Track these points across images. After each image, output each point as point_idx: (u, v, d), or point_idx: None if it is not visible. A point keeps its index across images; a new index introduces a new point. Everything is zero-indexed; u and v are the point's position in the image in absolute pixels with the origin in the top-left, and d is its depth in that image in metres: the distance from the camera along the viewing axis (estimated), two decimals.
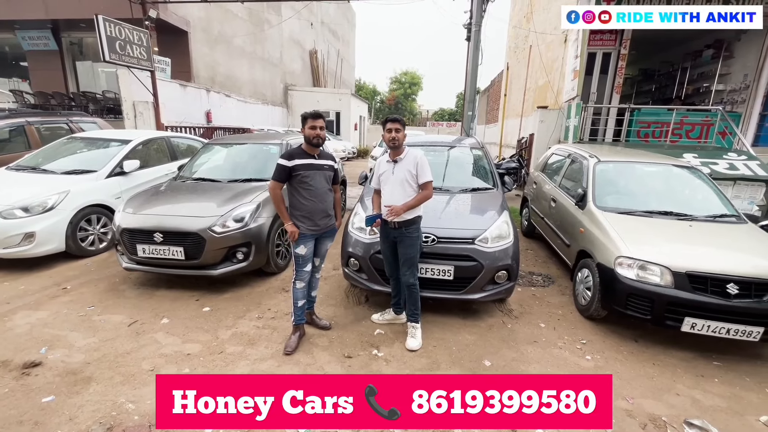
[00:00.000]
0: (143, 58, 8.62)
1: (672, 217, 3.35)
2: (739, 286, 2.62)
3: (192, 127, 10.02)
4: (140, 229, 3.47)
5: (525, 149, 9.57)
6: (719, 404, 2.36)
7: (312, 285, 2.95)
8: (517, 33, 14.14)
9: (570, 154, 4.75)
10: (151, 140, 5.61)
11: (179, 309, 3.31)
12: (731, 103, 8.09)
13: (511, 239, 3.14)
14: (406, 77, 45.51)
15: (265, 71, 16.87)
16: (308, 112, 2.69)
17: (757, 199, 5.61)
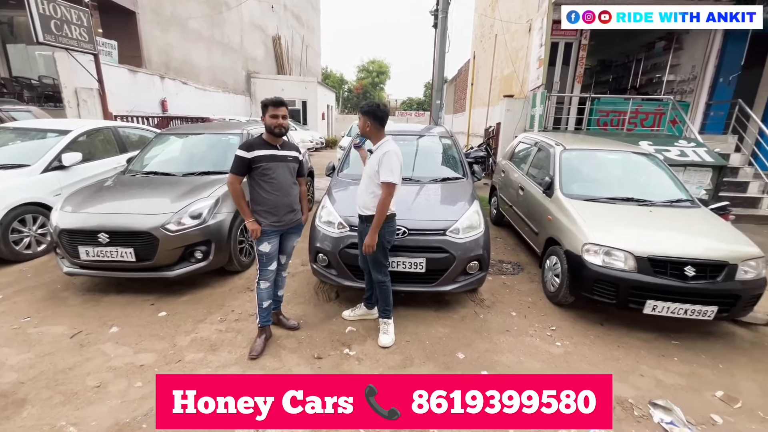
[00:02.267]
0: (84, 40, 7.82)
1: (633, 203, 3.46)
2: (696, 269, 2.74)
3: (145, 116, 9.29)
4: (81, 230, 3.13)
5: (492, 138, 9.68)
6: (679, 382, 2.46)
7: (278, 284, 2.79)
8: (483, 22, 14.21)
9: (536, 143, 4.80)
10: (95, 130, 5.11)
11: (131, 315, 3.03)
12: (681, 93, 8.54)
13: (482, 229, 3.11)
14: (374, 66, 44.89)
15: (225, 57, 15.96)
16: (269, 98, 2.48)
17: (704, 183, 5.97)
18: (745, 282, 2.75)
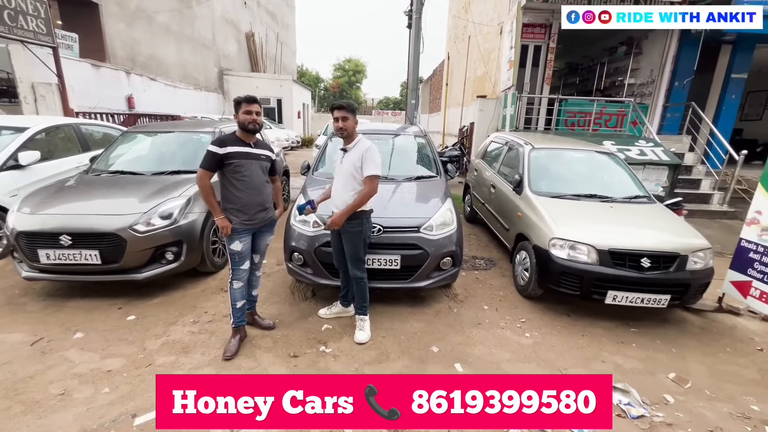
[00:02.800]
0: (42, 32, 7.38)
1: (596, 200, 3.65)
2: (651, 260, 2.93)
3: (110, 113, 8.89)
4: (41, 232, 2.98)
5: (466, 137, 9.89)
6: (637, 366, 2.64)
7: (252, 284, 2.76)
8: (456, 23, 14.47)
9: (507, 142, 4.97)
10: (55, 128, 4.86)
11: (97, 320, 2.92)
12: (641, 95, 9.03)
13: (455, 226, 3.20)
14: (350, 65, 44.70)
15: (196, 53, 15.46)
16: (242, 96, 2.46)
17: (662, 181, 6.36)
18: (694, 272, 2.97)
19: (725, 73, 8.33)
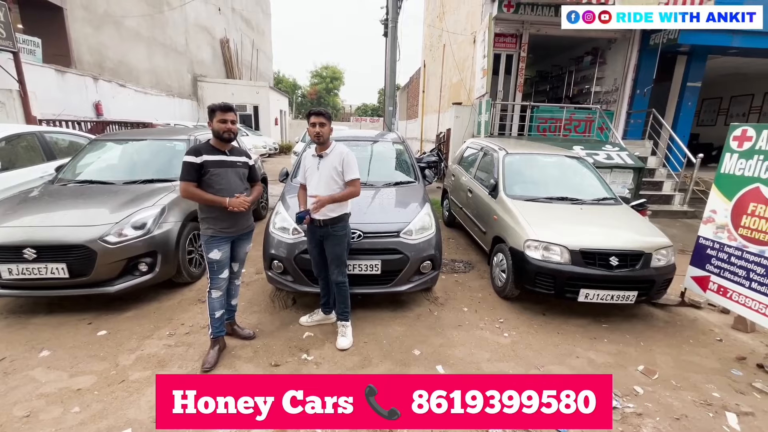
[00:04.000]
0: (1, 36, 7.05)
1: (567, 202, 3.81)
2: (619, 258, 3.08)
3: (77, 121, 8.52)
4: (2, 246, 2.83)
5: (443, 143, 10.09)
6: (608, 361, 2.76)
7: (231, 293, 2.72)
8: (431, 32, 14.79)
9: (482, 147, 5.11)
10: (15, 136, 4.62)
11: (64, 337, 2.79)
12: (606, 102, 9.51)
13: (434, 230, 3.26)
14: (327, 71, 44.70)
15: (168, 59, 15.08)
16: (216, 103, 2.43)
17: (627, 183, 6.70)
18: (658, 268, 3.15)
19: (681, 82, 8.91)
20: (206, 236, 2.46)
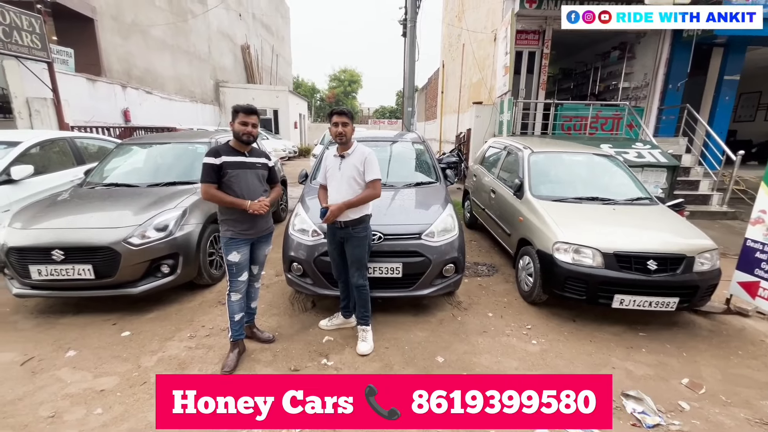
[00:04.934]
0: (36, 48, 7.39)
1: (598, 203, 3.61)
2: (657, 262, 2.87)
3: (106, 127, 8.85)
4: (32, 247, 2.91)
5: (463, 144, 9.91)
6: (648, 372, 2.56)
7: (251, 296, 2.69)
8: (450, 31, 14.63)
9: (506, 147, 4.94)
10: (49, 141, 4.80)
11: (90, 337, 2.83)
12: (635, 98, 9.09)
13: (457, 232, 3.14)
14: (346, 75, 45.07)
15: (191, 66, 15.52)
16: (241, 105, 2.39)
17: (660, 183, 6.35)
18: (702, 273, 2.92)
19: (718, 75, 8.41)
20: (225, 238, 2.43)
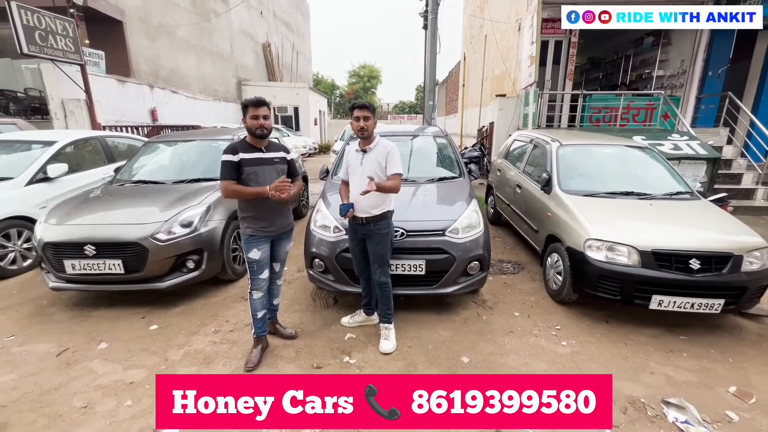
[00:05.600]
0: (70, 51, 7.71)
1: (633, 197, 3.41)
2: (701, 261, 2.68)
3: (135, 126, 9.17)
4: (67, 242, 3.01)
5: (486, 138, 9.66)
6: (691, 379, 2.39)
7: (273, 293, 2.68)
8: (472, 23, 14.29)
9: (532, 140, 4.76)
10: (82, 141, 4.99)
11: (121, 330, 2.91)
12: (671, 87, 8.59)
13: (482, 228, 3.04)
14: (365, 71, 45.02)
15: (215, 65, 15.87)
16: (249, 99, 2.33)
17: (699, 176, 5.97)
18: (751, 273, 2.70)
19: (764, 60, 7.81)
20: (246, 235, 2.42)
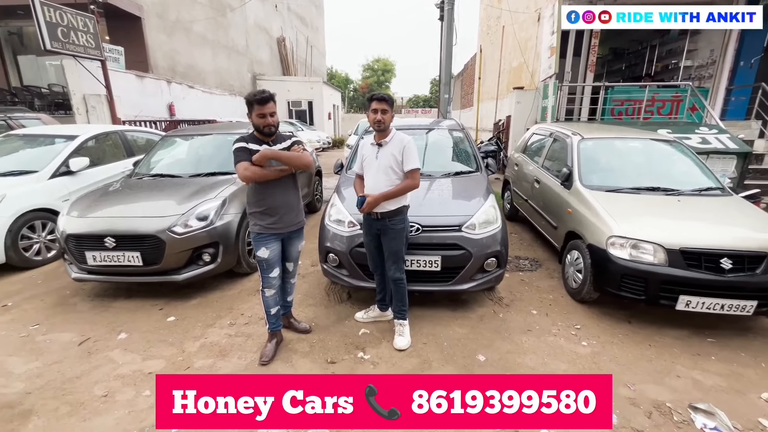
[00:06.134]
0: (91, 47, 7.85)
1: (660, 193, 3.26)
2: (733, 260, 2.54)
3: (153, 120, 9.33)
4: (88, 234, 3.07)
5: (502, 132, 9.48)
6: (720, 384, 2.28)
7: (287, 290, 2.66)
8: (489, 14, 13.97)
9: (551, 133, 4.62)
10: (102, 135, 5.09)
11: (139, 321, 2.96)
12: (699, 78, 8.23)
13: (499, 224, 2.96)
14: (379, 64, 44.73)
15: (230, 60, 16.00)
16: (252, 94, 2.19)
17: (729, 171, 5.70)
18: None
19: None
20: (254, 233, 2.38)
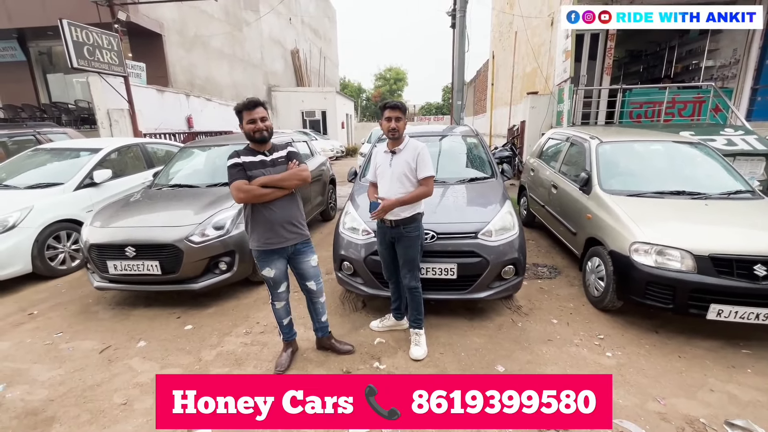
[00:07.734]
0: (115, 64, 8.18)
1: (685, 197, 3.14)
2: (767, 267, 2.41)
3: (172, 133, 9.61)
4: (110, 244, 3.15)
5: (517, 137, 9.37)
6: (758, 398, 2.15)
7: (318, 311, 2.53)
8: (501, 20, 13.95)
9: (568, 138, 4.53)
10: (124, 148, 5.26)
11: (158, 329, 3.00)
12: (722, 78, 7.97)
13: (517, 231, 2.90)
14: (391, 73, 45.10)
15: (246, 73, 16.42)
16: (241, 102, 2.12)
17: (757, 174, 5.45)
18: None
19: None
20: (256, 253, 2.30)
